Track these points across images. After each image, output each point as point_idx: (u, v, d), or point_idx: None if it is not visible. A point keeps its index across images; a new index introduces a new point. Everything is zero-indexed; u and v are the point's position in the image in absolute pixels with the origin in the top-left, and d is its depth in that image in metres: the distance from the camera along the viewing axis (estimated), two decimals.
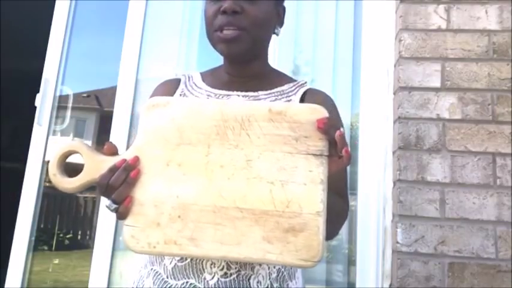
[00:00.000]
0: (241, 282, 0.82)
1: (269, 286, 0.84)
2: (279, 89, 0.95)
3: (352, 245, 1.61)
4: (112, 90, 1.88)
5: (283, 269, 0.87)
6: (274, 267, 0.85)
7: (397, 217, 1.40)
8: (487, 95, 1.44)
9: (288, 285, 0.87)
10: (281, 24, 0.99)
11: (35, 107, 1.84)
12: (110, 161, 0.72)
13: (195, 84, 0.98)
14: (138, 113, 1.82)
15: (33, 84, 2.04)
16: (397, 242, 1.38)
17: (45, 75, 1.87)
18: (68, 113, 2.09)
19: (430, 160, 1.41)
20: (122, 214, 0.70)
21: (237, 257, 0.69)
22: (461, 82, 1.46)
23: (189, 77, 1.00)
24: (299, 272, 0.94)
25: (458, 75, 1.47)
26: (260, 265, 0.83)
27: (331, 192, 0.78)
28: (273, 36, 0.98)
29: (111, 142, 0.73)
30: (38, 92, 1.85)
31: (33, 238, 1.78)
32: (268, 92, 0.95)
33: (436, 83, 1.47)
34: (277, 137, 0.71)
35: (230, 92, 0.94)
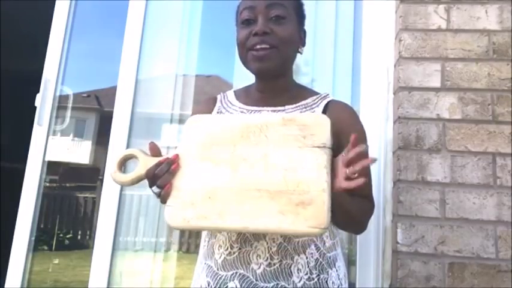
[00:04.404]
0: (283, 270, 0.93)
1: (308, 273, 0.94)
2: (303, 102, 1.06)
3: (352, 245, 1.61)
4: (112, 90, 1.87)
5: (321, 259, 0.97)
6: (312, 257, 0.96)
7: (397, 217, 1.40)
8: (487, 95, 1.44)
9: (328, 272, 0.97)
10: (303, 44, 1.10)
11: (35, 107, 1.84)
12: (157, 160, 0.88)
13: (230, 102, 1.10)
14: (138, 113, 1.83)
15: (33, 84, 2.04)
16: (397, 242, 1.38)
17: (45, 75, 1.87)
18: (68, 113, 2.09)
19: (430, 160, 1.41)
20: (163, 196, 0.86)
21: (256, 228, 0.82)
22: (461, 82, 1.46)
23: (224, 96, 1.13)
24: (340, 262, 1.02)
25: (458, 75, 1.47)
26: (299, 255, 0.94)
27: (356, 195, 0.92)
28: None
29: (153, 142, 0.91)
30: (38, 92, 1.85)
31: (33, 238, 1.78)
32: (294, 105, 1.05)
33: (436, 83, 1.47)
34: (289, 136, 0.86)
35: (261, 108, 1.06)
